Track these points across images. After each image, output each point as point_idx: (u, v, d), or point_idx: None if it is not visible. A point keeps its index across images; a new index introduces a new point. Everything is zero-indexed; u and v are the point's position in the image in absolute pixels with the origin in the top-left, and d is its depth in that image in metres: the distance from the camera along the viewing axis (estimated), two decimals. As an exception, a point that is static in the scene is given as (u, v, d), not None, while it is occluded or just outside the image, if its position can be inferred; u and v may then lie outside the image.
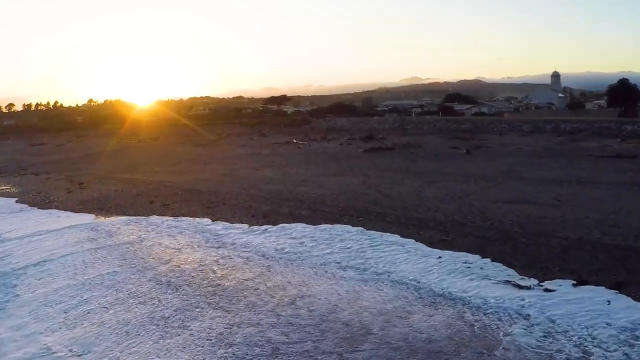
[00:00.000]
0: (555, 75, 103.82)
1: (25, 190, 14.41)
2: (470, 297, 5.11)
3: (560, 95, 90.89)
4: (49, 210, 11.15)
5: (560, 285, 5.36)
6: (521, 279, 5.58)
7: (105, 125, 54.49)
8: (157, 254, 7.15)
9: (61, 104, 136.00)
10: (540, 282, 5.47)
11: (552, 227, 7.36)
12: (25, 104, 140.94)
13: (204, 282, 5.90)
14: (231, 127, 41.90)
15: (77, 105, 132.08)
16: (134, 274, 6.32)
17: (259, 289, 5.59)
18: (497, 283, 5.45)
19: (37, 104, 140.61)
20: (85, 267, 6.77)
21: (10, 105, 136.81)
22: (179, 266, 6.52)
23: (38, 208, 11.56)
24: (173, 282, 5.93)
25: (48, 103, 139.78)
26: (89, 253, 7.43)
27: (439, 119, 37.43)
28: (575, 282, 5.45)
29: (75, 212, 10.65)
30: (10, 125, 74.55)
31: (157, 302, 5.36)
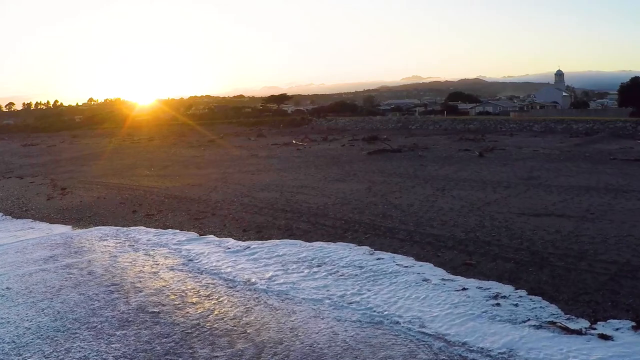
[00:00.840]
0: (559, 74, 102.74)
1: (5, 196, 13.40)
2: (506, 350, 4.02)
3: (564, 94, 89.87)
4: (24, 220, 10.13)
5: (617, 329, 4.30)
6: (568, 319, 4.51)
7: (104, 124, 53.69)
8: (118, 280, 5.99)
9: (61, 103, 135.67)
10: (592, 323, 4.40)
11: (592, 247, 6.27)
12: (25, 102, 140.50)
13: (152, 323, 4.69)
14: (229, 127, 40.90)
15: (77, 104, 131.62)
16: (69, 308, 5.14)
17: (219, 334, 4.43)
18: (539, 327, 4.36)
19: (37, 103, 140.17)
20: (18, 293, 5.68)
21: (11, 104, 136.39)
22: (135, 300, 5.30)
23: (12, 217, 10.54)
24: (110, 326, 4.69)
25: (48, 102, 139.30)
26: (36, 274, 6.33)
27: (444, 119, 36.42)
28: (634, 323, 4.40)
29: (50, 223, 9.64)
30: (8, 125, 73.69)
31: (77, 351, 4.21)
